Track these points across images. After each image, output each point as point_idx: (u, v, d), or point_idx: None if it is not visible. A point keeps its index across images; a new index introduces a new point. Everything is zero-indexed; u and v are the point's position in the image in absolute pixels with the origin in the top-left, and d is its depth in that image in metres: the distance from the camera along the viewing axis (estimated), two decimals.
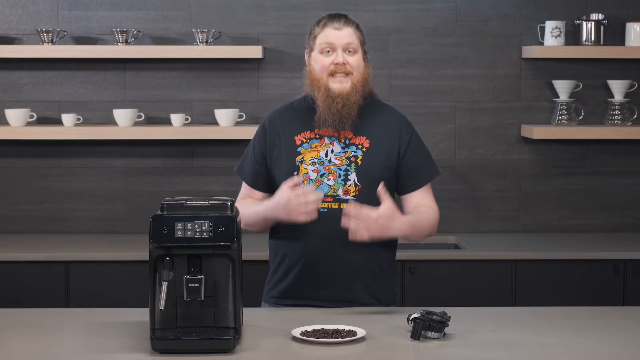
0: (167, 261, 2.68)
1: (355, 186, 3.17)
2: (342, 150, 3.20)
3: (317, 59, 3.20)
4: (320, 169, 3.18)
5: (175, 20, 4.98)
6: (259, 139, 3.30)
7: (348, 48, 3.18)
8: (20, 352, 2.72)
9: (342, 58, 3.17)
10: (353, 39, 3.19)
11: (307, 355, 2.63)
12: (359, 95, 3.18)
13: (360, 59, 3.20)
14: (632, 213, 5.08)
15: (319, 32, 3.21)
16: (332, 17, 3.23)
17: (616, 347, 2.72)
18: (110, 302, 4.32)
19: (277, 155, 3.23)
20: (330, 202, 3.16)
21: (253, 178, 3.30)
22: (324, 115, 3.17)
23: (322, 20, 3.23)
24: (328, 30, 3.20)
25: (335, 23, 3.21)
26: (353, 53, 3.19)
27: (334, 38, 3.18)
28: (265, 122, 3.31)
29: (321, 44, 3.19)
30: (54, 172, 5.01)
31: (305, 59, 3.28)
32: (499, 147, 5.05)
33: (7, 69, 4.97)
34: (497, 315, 3.11)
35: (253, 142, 3.32)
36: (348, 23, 3.22)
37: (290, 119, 3.27)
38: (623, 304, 4.48)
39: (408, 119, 3.30)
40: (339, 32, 3.19)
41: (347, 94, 3.16)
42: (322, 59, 3.19)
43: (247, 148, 3.35)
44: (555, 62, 5.00)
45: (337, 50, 3.18)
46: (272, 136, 3.26)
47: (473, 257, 4.50)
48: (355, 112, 3.18)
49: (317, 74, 3.20)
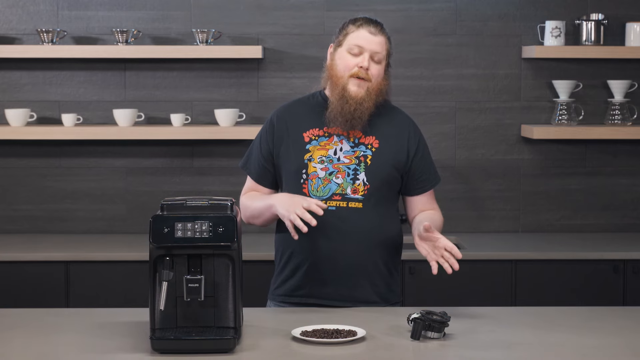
0: (167, 261, 2.68)
1: (364, 185, 3.18)
2: (352, 150, 3.20)
3: (343, 57, 3.20)
4: (329, 167, 3.18)
5: (175, 20, 4.98)
6: (266, 135, 3.29)
7: (375, 56, 3.18)
8: (20, 352, 2.72)
9: (367, 63, 3.17)
10: (382, 49, 3.20)
11: (307, 355, 2.63)
12: (372, 102, 3.19)
13: (382, 69, 3.21)
14: (632, 213, 5.08)
15: (353, 31, 3.20)
16: (370, 20, 3.23)
17: (616, 347, 2.72)
18: (110, 302, 4.32)
19: (285, 151, 3.23)
20: (338, 200, 3.16)
21: (259, 174, 3.31)
22: (334, 113, 3.18)
23: (359, 21, 3.22)
24: (363, 32, 3.19)
25: (371, 27, 3.20)
26: (378, 63, 3.19)
27: (365, 41, 3.18)
28: (273, 118, 3.30)
29: (351, 44, 3.18)
30: (54, 172, 5.01)
31: (328, 53, 3.27)
32: (499, 147, 5.05)
33: (7, 69, 4.97)
34: (497, 315, 3.11)
35: (259, 137, 3.31)
36: (382, 32, 3.22)
37: (299, 115, 3.27)
38: (623, 304, 4.48)
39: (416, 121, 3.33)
40: (373, 37, 3.19)
41: (361, 99, 3.16)
42: (348, 58, 3.19)
43: (252, 143, 3.35)
44: (555, 62, 5.00)
45: (364, 54, 3.18)
46: (280, 132, 3.26)
47: (473, 257, 4.50)
48: (367, 117, 3.19)
49: (339, 71, 3.19)
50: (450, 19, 5.01)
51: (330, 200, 3.16)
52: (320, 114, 3.23)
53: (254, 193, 3.31)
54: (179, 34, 4.97)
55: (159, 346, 2.64)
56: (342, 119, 3.16)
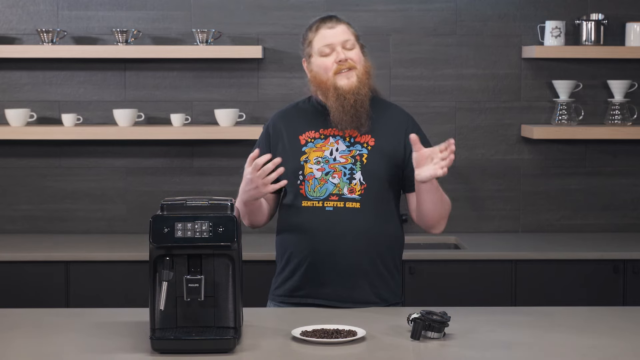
0: (167, 261, 2.68)
1: (361, 185, 3.17)
2: (347, 149, 3.20)
3: (318, 63, 3.20)
4: (325, 167, 3.18)
5: (175, 20, 4.98)
6: (262, 142, 3.30)
7: (346, 45, 3.19)
8: (20, 352, 2.72)
9: (343, 54, 3.17)
10: (349, 36, 3.20)
11: (307, 355, 2.63)
12: (367, 88, 3.19)
13: (359, 52, 3.21)
14: (632, 213, 5.08)
15: (314, 37, 3.21)
16: (324, 18, 3.24)
17: (616, 347, 2.72)
18: (110, 302, 4.32)
19: (282, 155, 3.22)
20: (335, 200, 3.16)
21: None
22: (338, 114, 3.16)
23: (314, 25, 3.23)
24: (322, 31, 3.20)
25: (328, 23, 3.21)
26: (352, 48, 3.19)
27: (330, 37, 3.18)
28: (268, 125, 3.31)
29: (319, 47, 3.19)
30: (54, 172, 5.01)
31: (305, 68, 3.27)
32: (499, 147, 5.05)
33: (7, 69, 4.97)
34: (497, 315, 3.11)
35: (258, 145, 3.32)
36: (340, 21, 3.23)
37: (294, 119, 3.27)
38: (623, 304, 4.48)
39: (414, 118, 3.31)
40: (333, 30, 3.20)
41: (356, 88, 3.16)
42: (323, 61, 3.19)
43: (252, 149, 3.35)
44: (555, 62, 5.00)
45: (336, 48, 3.18)
46: (276, 139, 3.26)
47: (473, 257, 4.50)
48: (368, 104, 3.18)
49: (322, 76, 3.19)
50: (450, 19, 5.01)
51: (328, 201, 3.16)
52: (316, 117, 3.22)
53: None
54: (179, 34, 4.97)
55: (159, 346, 2.64)
56: (347, 117, 3.15)
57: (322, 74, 3.19)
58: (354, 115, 3.16)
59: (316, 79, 3.21)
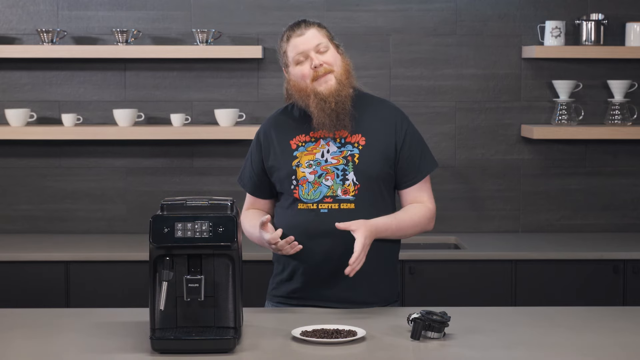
0: (167, 261, 2.69)
1: (354, 185, 3.16)
2: (338, 150, 3.19)
3: (295, 72, 3.20)
4: (317, 170, 3.18)
5: (175, 20, 4.98)
6: (254, 151, 3.31)
7: (319, 48, 3.17)
8: (20, 352, 2.72)
9: (317, 60, 3.16)
10: (320, 39, 3.18)
11: (307, 355, 2.63)
12: (348, 87, 3.18)
13: (334, 53, 3.20)
14: (632, 213, 5.08)
15: (287, 46, 3.21)
16: (292, 26, 3.22)
17: (616, 347, 2.72)
18: (110, 302, 4.32)
19: (274, 161, 3.23)
20: (330, 202, 3.16)
21: (253, 187, 3.33)
22: (320, 119, 3.16)
23: (285, 34, 3.22)
24: (293, 40, 3.19)
25: (296, 31, 3.20)
26: (325, 51, 3.18)
27: (301, 45, 3.18)
28: (259, 134, 3.31)
29: (293, 56, 3.19)
30: (54, 172, 5.02)
31: (286, 77, 3.26)
32: (499, 147, 5.05)
33: (7, 69, 4.97)
34: (497, 315, 3.11)
35: (250, 153, 3.33)
36: (309, 25, 3.20)
37: (284, 125, 3.27)
38: (623, 304, 4.48)
39: (404, 112, 3.29)
40: (303, 37, 3.18)
41: (335, 91, 3.15)
42: (299, 69, 3.18)
43: (246, 158, 3.37)
44: (555, 62, 5.00)
45: (310, 55, 3.17)
46: (267, 146, 3.26)
47: (473, 257, 4.50)
48: (349, 105, 3.17)
49: (300, 85, 3.18)
50: (450, 19, 5.01)
51: (322, 203, 3.16)
52: (306, 121, 3.22)
53: (250, 214, 3.31)
54: (179, 34, 4.97)
55: (159, 346, 2.64)
56: (328, 120, 3.15)
57: (300, 82, 3.19)
58: (335, 118, 3.15)
59: (296, 87, 3.20)
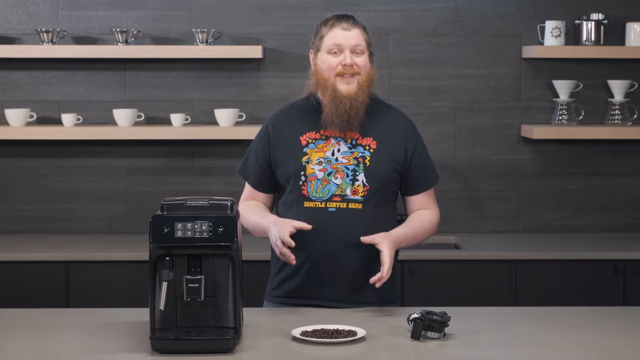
0: (167, 261, 2.68)
1: (364, 187, 3.17)
2: (349, 150, 3.19)
3: (324, 60, 3.19)
4: (327, 167, 3.18)
5: (175, 20, 4.98)
6: (261, 142, 3.28)
7: (356, 49, 3.17)
8: (20, 352, 2.72)
9: (350, 59, 3.16)
10: (361, 41, 3.19)
11: (307, 355, 2.63)
12: (366, 95, 3.19)
13: (367, 60, 3.20)
14: (632, 213, 5.08)
15: (327, 33, 3.19)
16: (340, 17, 3.21)
17: (616, 347, 2.72)
18: (110, 302, 4.32)
19: (282, 156, 3.22)
20: (338, 201, 3.16)
21: (256, 180, 3.31)
22: (330, 115, 3.16)
23: (330, 21, 3.21)
24: (336, 30, 3.18)
25: (343, 24, 3.19)
26: (360, 54, 3.18)
27: (342, 39, 3.17)
28: (268, 125, 3.29)
29: (329, 45, 3.18)
30: (54, 172, 5.01)
31: (310, 59, 3.26)
32: (499, 147, 5.05)
33: (7, 69, 4.97)
34: (497, 315, 3.11)
35: (255, 144, 3.31)
36: (356, 24, 3.20)
37: (294, 120, 3.26)
38: (623, 304, 4.48)
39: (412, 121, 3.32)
40: (347, 32, 3.18)
41: (354, 95, 3.15)
42: (329, 59, 3.18)
43: (249, 148, 3.34)
44: (555, 62, 5.00)
45: (345, 51, 3.17)
46: (276, 139, 3.25)
47: (473, 257, 4.50)
48: (363, 112, 3.18)
49: (324, 74, 3.18)
50: (450, 19, 5.01)
51: (330, 202, 3.16)
52: (316, 118, 3.22)
53: (251, 204, 3.31)
54: (179, 34, 4.97)
55: (159, 346, 2.64)
56: (338, 119, 3.15)
57: (324, 71, 3.18)
58: (346, 120, 3.16)
59: (318, 74, 3.20)
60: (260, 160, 3.28)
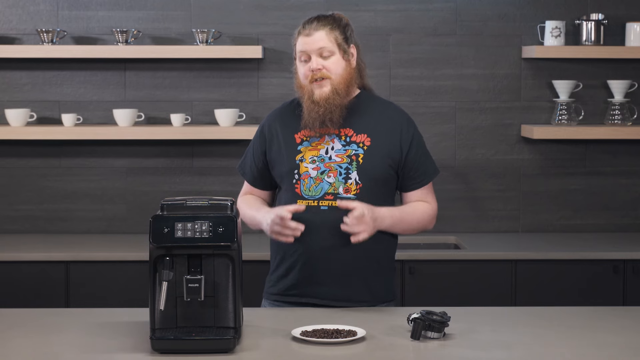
0: (167, 261, 2.69)
1: (357, 185, 3.17)
2: (343, 148, 3.20)
3: (298, 68, 3.24)
4: (320, 166, 3.18)
5: (175, 20, 4.98)
6: (258, 141, 3.33)
7: (322, 53, 3.18)
8: (20, 352, 2.72)
9: (316, 64, 3.17)
10: (326, 43, 3.18)
11: (307, 355, 2.63)
12: (342, 96, 3.19)
13: (337, 60, 3.19)
14: (632, 213, 5.08)
15: (297, 41, 3.24)
16: (306, 22, 3.23)
17: (616, 347, 2.72)
18: (110, 302, 4.32)
19: (277, 154, 3.24)
20: (330, 200, 3.16)
21: (253, 177, 3.35)
22: (308, 118, 3.19)
23: (299, 27, 3.24)
24: (301, 37, 3.21)
25: (306, 29, 3.20)
26: (329, 56, 3.18)
27: (305, 45, 3.19)
28: (264, 125, 3.33)
29: (298, 53, 3.22)
30: (54, 172, 5.02)
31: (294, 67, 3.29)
32: (499, 147, 5.05)
33: (7, 69, 4.97)
34: (497, 315, 3.11)
35: (253, 143, 3.35)
36: (319, 26, 3.19)
37: (290, 118, 3.28)
38: (623, 304, 4.48)
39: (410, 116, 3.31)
40: (309, 37, 3.18)
41: (327, 98, 3.16)
42: (301, 67, 3.22)
43: (248, 147, 3.39)
44: (555, 62, 5.00)
45: (311, 57, 3.18)
46: (271, 137, 3.28)
47: (473, 257, 4.50)
48: (339, 114, 3.18)
49: (301, 82, 3.23)
50: (450, 19, 5.01)
51: (323, 200, 3.16)
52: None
53: (249, 198, 3.34)
54: (179, 34, 4.97)
55: (159, 346, 2.64)
56: (311, 123, 3.19)
57: (301, 79, 3.23)
58: (320, 123, 3.18)
59: (297, 81, 3.25)
60: (257, 159, 3.31)
